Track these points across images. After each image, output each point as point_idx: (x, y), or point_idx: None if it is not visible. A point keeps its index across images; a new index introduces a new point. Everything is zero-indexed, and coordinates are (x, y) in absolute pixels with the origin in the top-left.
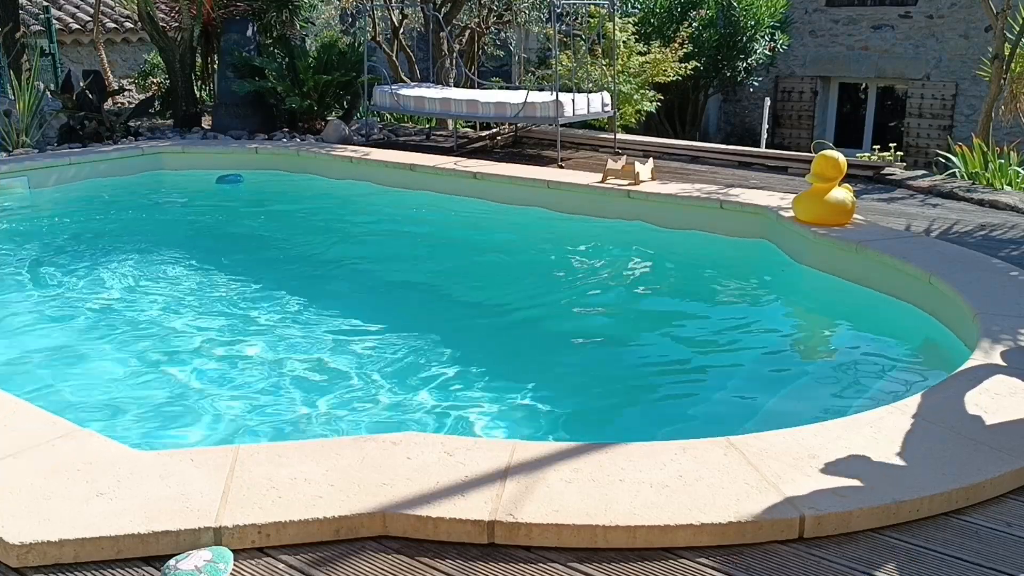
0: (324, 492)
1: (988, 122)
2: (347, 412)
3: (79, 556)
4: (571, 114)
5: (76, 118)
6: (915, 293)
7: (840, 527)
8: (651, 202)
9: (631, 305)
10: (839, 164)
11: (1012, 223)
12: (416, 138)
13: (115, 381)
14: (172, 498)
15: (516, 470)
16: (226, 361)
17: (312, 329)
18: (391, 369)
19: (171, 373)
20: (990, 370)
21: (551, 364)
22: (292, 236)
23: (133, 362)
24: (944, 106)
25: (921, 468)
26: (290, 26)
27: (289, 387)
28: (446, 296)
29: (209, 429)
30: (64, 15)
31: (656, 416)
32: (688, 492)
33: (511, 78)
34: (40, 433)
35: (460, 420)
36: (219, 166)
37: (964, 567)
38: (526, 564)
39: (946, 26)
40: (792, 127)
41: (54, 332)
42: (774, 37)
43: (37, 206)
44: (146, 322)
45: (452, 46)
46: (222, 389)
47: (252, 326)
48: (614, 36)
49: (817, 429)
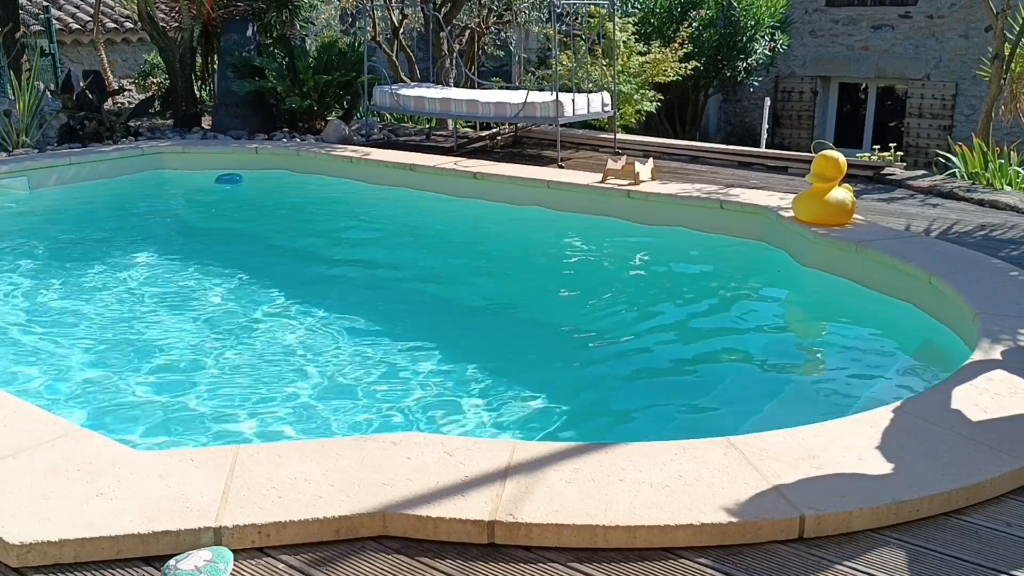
0: (324, 492)
1: (988, 122)
2: (347, 412)
3: (79, 556)
4: (571, 114)
5: (76, 118)
6: (915, 293)
7: (840, 527)
8: (651, 202)
9: (631, 305)
10: (839, 164)
11: (1012, 223)
12: (416, 138)
13: (115, 381)
14: (172, 498)
15: (516, 470)
16: (226, 361)
17: (312, 329)
18: (391, 369)
19: (171, 373)
20: (990, 370)
21: (551, 364)
22: (292, 236)
23: (133, 362)
24: (944, 106)
25: (921, 468)
26: (290, 26)
27: (289, 387)
28: (446, 296)
29: (209, 429)
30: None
31: (656, 416)
32: (688, 492)
33: (511, 78)
34: (40, 433)
35: (460, 420)
36: (219, 166)
37: (964, 567)
38: (526, 564)
39: (946, 26)
40: (792, 127)
41: (54, 332)
42: (774, 37)
43: (37, 206)
44: (146, 322)
45: (452, 46)
46: (222, 389)
47: (252, 326)
48: (614, 36)
49: (817, 429)
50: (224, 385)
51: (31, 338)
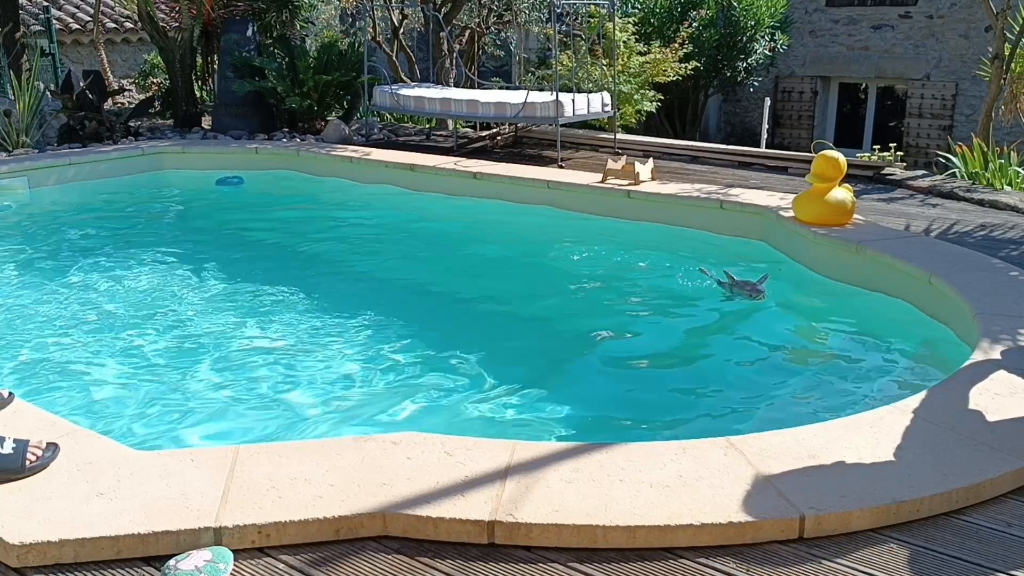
0: (324, 492)
1: (988, 122)
2: (347, 412)
3: (79, 556)
4: (571, 114)
5: (76, 118)
6: (915, 293)
7: (840, 527)
8: (651, 202)
9: (631, 305)
10: (839, 164)
11: (1012, 223)
12: (416, 138)
13: (115, 381)
14: (172, 498)
15: (516, 470)
16: (226, 361)
17: (312, 329)
18: (391, 368)
19: (171, 373)
20: (990, 370)
21: (551, 364)
22: (291, 236)
23: (133, 362)
24: (944, 106)
25: (921, 468)
26: (290, 26)
27: (289, 387)
28: (446, 296)
29: (209, 429)
30: (64, 15)
31: (656, 416)
32: (688, 492)
33: (511, 78)
34: (40, 433)
35: (460, 420)
36: (219, 166)
37: (964, 567)
38: (526, 564)
39: (946, 26)
40: (792, 127)
41: (54, 332)
42: (774, 37)
43: (37, 206)
44: (146, 322)
45: (452, 46)
46: (222, 389)
47: (252, 326)
48: (614, 36)
49: (817, 429)
50: (224, 385)
51: (31, 338)
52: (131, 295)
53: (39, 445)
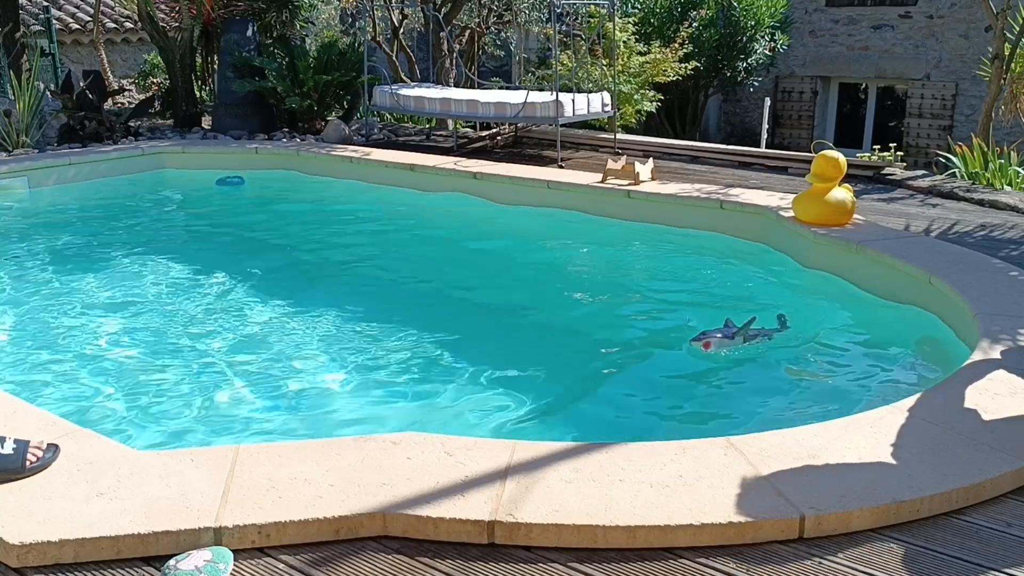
0: (324, 492)
1: (988, 122)
2: (347, 412)
3: (79, 556)
4: (571, 114)
5: (76, 118)
6: (915, 293)
7: (840, 527)
8: (651, 202)
9: (631, 305)
10: (839, 164)
11: (1012, 223)
12: (416, 138)
13: (115, 381)
14: (172, 498)
15: (516, 470)
16: (226, 361)
17: (312, 329)
18: (391, 369)
19: (171, 373)
20: (990, 370)
21: (551, 364)
22: (291, 236)
23: (133, 362)
24: (944, 106)
25: (921, 468)
26: (290, 26)
27: (289, 387)
28: (446, 296)
29: (209, 429)
30: (64, 15)
31: (656, 416)
32: (688, 492)
33: (511, 78)
34: (40, 433)
35: (460, 420)
36: (219, 166)
37: (964, 567)
38: (526, 564)
39: (946, 26)
40: (792, 127)
41: (54, 332)
42: (774, 37)
43: (37, 206)
44: (146, 322)
45: (452, 46)
46: (222, 389)
47: (252, 326)
48: (614, 36)
49: (817, 429)
50: (224, 385)
51: (31, 338)
52: (131, 295)
53: (39, 445)
